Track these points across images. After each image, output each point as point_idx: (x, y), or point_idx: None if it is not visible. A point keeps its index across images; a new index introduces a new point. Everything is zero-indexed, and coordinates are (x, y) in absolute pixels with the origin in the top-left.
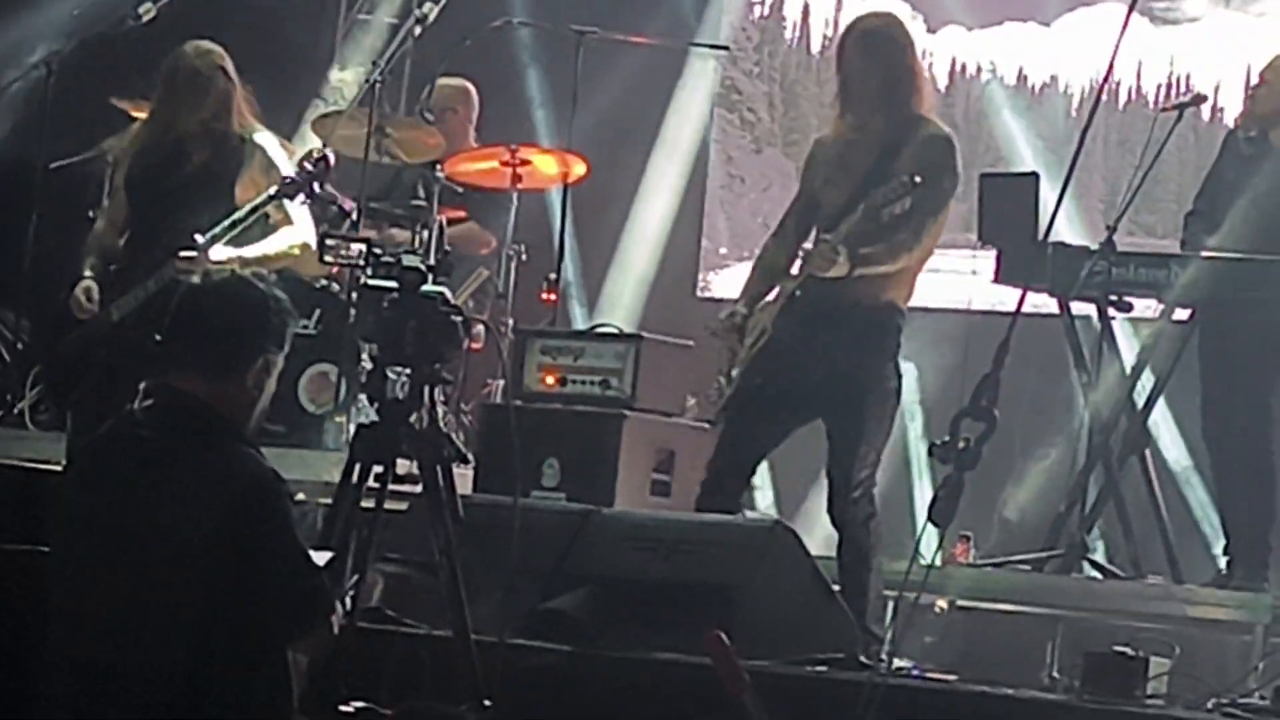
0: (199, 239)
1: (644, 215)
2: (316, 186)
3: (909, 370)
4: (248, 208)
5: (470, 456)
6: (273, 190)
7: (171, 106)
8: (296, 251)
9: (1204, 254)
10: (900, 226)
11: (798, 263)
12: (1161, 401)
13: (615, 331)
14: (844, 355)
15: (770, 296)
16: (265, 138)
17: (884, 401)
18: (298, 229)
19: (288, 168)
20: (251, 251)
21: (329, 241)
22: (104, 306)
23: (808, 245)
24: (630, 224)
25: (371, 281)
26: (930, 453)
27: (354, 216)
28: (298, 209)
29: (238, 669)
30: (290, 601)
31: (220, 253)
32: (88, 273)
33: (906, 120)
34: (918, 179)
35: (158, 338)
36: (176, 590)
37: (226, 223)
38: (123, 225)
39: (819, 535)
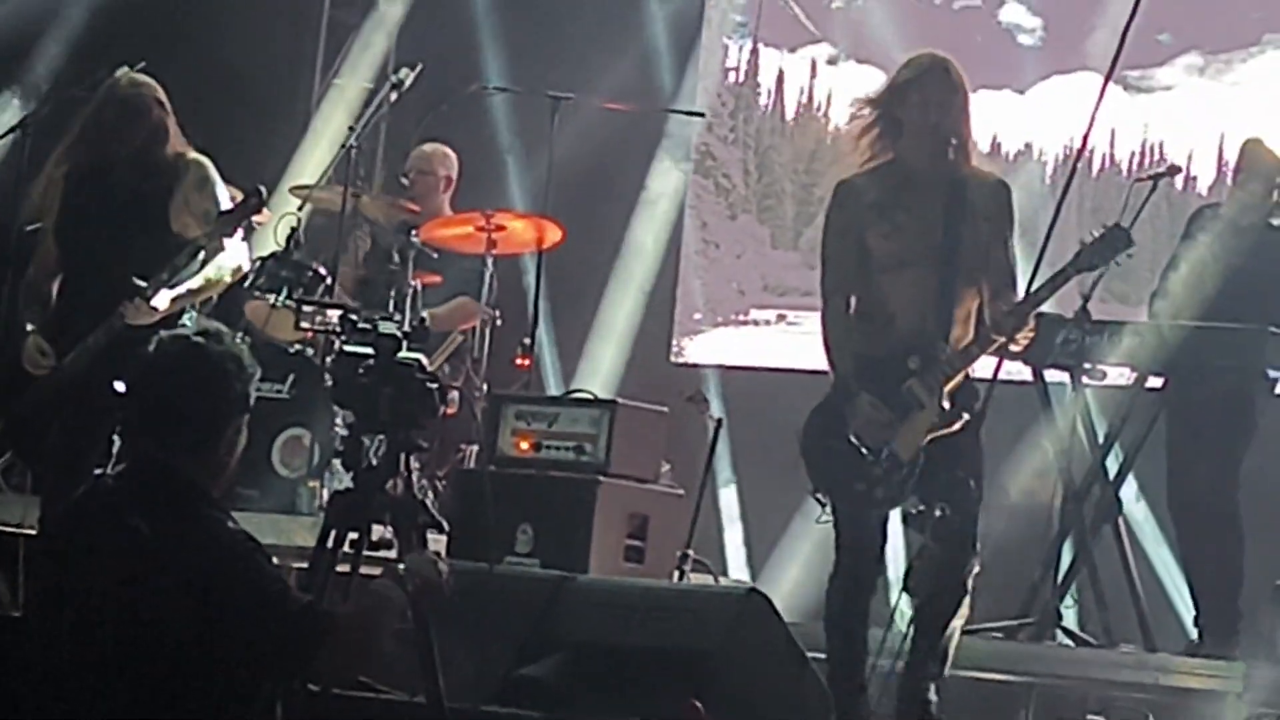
0: (141, 284)
1: (619, 280)
2: (255, 219)
3: None
4: (187, 251)
5: (444, 522)
6: (210, 229)
7: (100, 136)
8: (228, 278)
9: (1174, 322)
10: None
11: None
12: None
13: (590, 397)
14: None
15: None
16: (201, 157)
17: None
18: (231, 253)
19: (224, 192)
20: (190, 285)
21: (306, 308)
22: (58, 359)
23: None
24: (606, 289)
25: (348, 348)
26: (905, 522)
27: (329, 282)
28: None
29: None
30: (285, 630)
31: (163, 299)
32: (30, 326)
33: (963, 163)
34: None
35: (119, 388)
36: (154, 659)
37: (166, 273)
38: (54, 267)
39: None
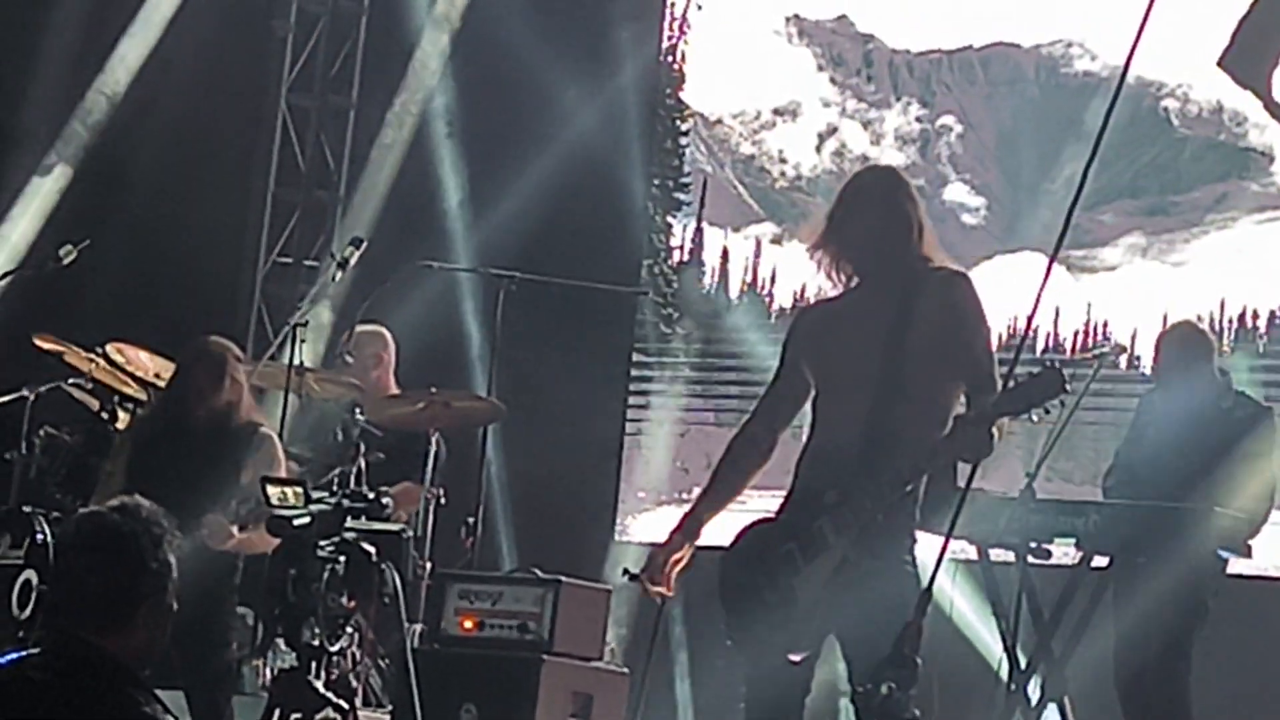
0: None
1: (563, 457)
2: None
3: None
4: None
5: (386, 702)
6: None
7: (182, 392)
8: None
9: (1121, 501)
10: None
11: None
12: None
13: (534, 575)
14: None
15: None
16: (271, 434)
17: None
18: None
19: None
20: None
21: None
22: None
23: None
24: (551, 465)
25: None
26: (852, 701)
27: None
28: None
29: None
30: None
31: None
32: None
33: (913, 267)
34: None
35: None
36: None
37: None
38: None
39: None
